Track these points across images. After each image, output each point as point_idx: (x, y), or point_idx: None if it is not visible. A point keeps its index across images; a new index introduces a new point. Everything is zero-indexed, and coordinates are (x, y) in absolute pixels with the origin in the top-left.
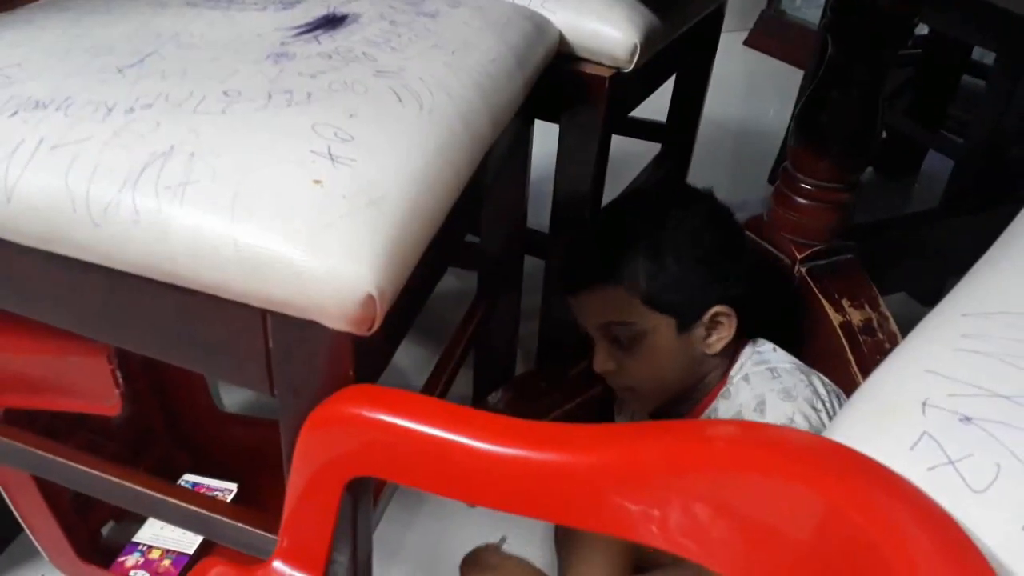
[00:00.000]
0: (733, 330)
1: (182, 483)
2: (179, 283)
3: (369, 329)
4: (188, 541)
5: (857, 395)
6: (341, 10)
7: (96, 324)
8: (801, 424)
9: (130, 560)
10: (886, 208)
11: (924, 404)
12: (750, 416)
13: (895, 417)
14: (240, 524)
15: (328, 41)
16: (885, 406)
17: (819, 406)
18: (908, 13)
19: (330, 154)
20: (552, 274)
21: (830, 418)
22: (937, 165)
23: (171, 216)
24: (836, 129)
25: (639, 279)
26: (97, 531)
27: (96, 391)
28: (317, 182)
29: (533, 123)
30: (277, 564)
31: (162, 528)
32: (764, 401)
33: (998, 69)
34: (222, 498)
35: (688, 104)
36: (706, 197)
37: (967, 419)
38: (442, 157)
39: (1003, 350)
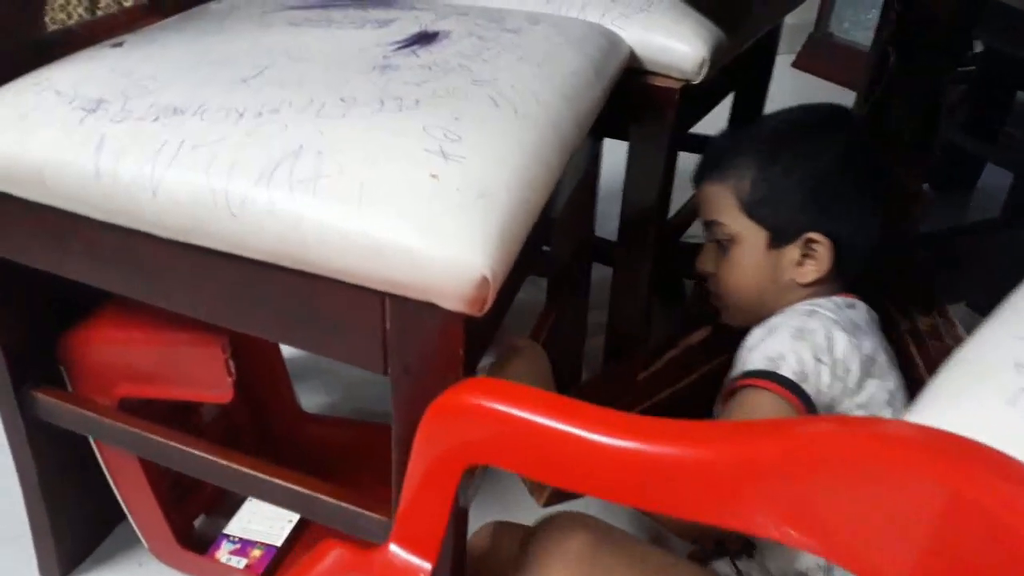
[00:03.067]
0: (827, 265)
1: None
2: (307, 269)
3: (481, 309)
4: (276, 534)
5: (952, 360)
6: (432, 28)
7: (224, 311)
8: (790, 362)
9: (222, 550)
10: (944, 222)
11: (1017, 365)
12: (756, 334)
13: (992, 376)
14: (346, 504)
15: (425, 55)
16: (982, 367)
17: (825, 360)
18: (966, 25)
19: (442, 152)
20: (620, 281)
21: (833, 377)
22: (992, 181)
23: (304, 206)
24: (898, 136)
25: (744, 182)
26: (190, 523)
27: (209, 380)
28: (434, 176)
29: (603, 138)
30: (394, 548)
31: (250, 522)
32: (775, 329)
33: None
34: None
35: (746, 121)
36: (855, 126)
37: None
38: (537, 157)
39: None
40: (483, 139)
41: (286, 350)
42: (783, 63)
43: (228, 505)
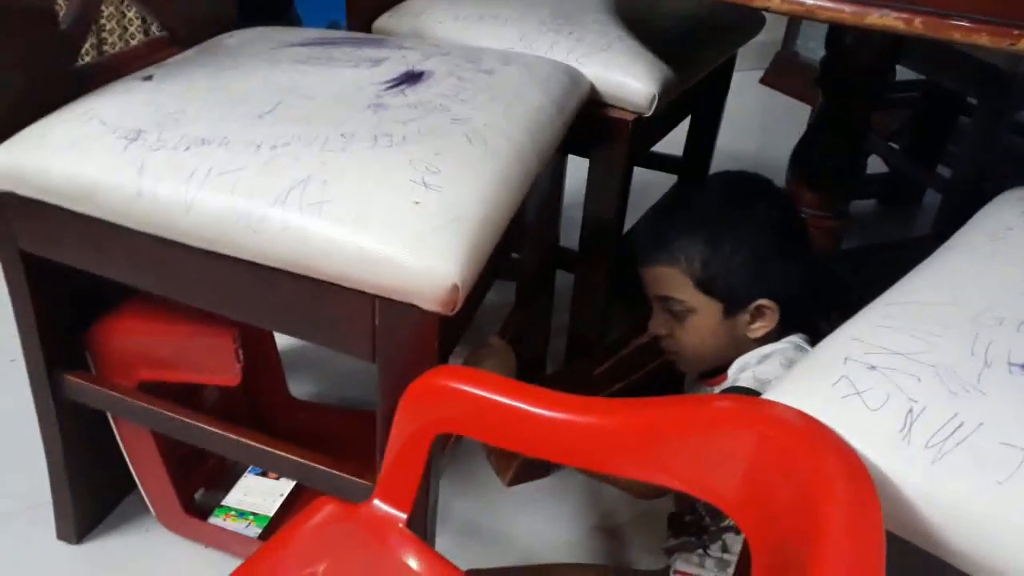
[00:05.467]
0: (775, 322)
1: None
2: (312, 275)
3: (453, 310)
4: (268, 505)
5: (804, 356)
6: (418, 67)
7: (241, 308)
8: (747, 380)
9: (220, 518)
10: (887, 237)
11: (845, 359)
12: (744, 360)
13: (824, 367)
14: (339, 472)
15: (412, 94)
16: (819, 361)
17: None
18: (885, 68)
19: (424, 182)
20: (581, 286)
21: None
22: (938, 197)
23: (312, 225)
24: (824, 165)
25: (695, 263)
26: (192, 495)
27: (221, 365)
28: (416, 203)
29: (567, 157)
30: (377, 502)
31: (245, 495)
32: (745, 364)
33: (979, 112)
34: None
35: (702, 141)
36: (777, 195)
37: (873, 367)
38: (502, 185)
39: (906, 326)
40: (458, 171)
41: (279, 343)
42: (751, 79)
43: (225, 481)
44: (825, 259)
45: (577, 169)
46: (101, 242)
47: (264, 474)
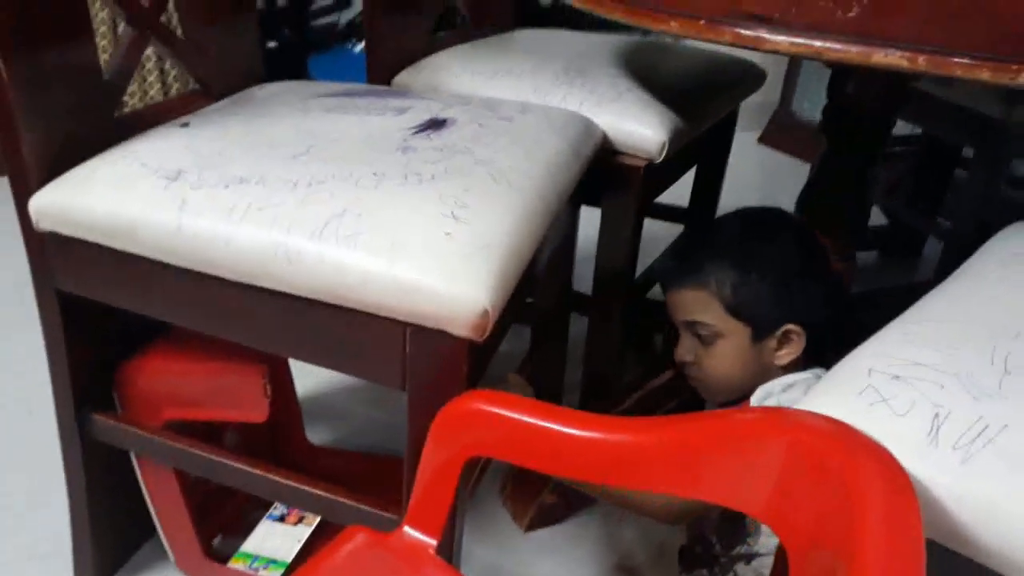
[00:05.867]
0: (801, 348)
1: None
2: (347, 304)
3: (482, 335)
4: (287, 550)
5: (832, 369)
6: (441, 115)
7: (276, 340)
8: (772, 403)
9: (239, 563)
10: (890, 285)
11: (870, 371)
12: (769, 387)
13: (849, 378)
14: (365, 506)
15: (437, 138)
16: (843, 374)
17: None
18: (887, 117)
19: (454, 215)
20: (595, 329)
21: None
22: (938, 248)
23: (347, 256)
24: (831, 206)
25: (725, 287)
26: (210, 540)
27: (250, 401)
28: (448, 234)
29: (580, 206)
30: (407, 529)
31: (264, 541)
32: (768, 392)
33: (976, 162)
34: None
35: (707, 191)
36: (797, 222)
37: (897, 376)
38: (526, 219)
39: (926, 341)
40: (484, 206)
41: (299, 390)
42: (750, 139)
43: (243, 527)
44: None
45: (587, 222)
46: (139, 280)
47: (282, 519)
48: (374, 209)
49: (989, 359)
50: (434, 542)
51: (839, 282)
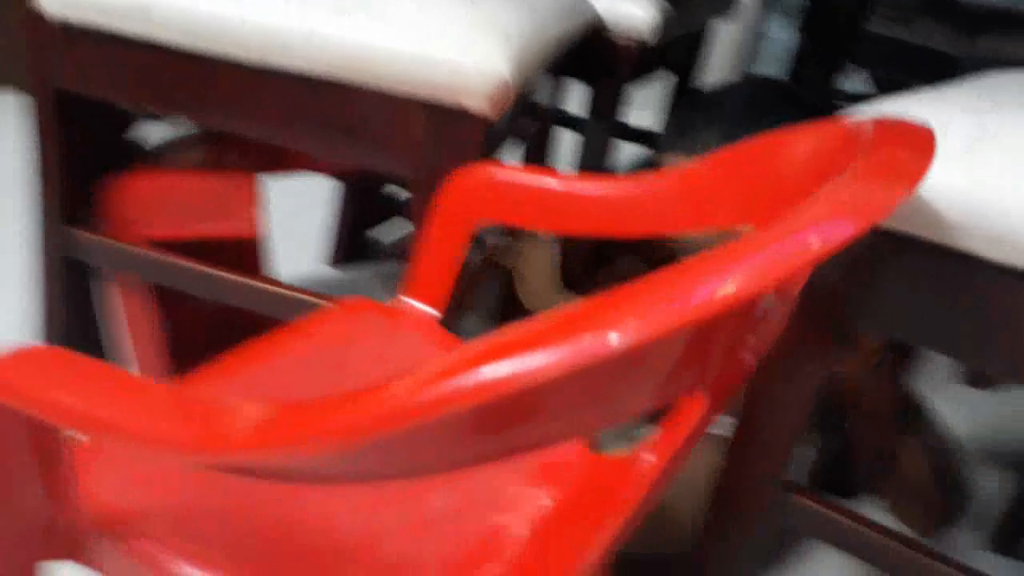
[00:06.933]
0: None
1: None
2: (364, 81)
3: (501, 110)
4: None
5: None
6: None
7: (288, 128)
8: None
9: None
10: None
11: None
12: None
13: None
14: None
15: None
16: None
17: None
18: None
19: (474, 3)
20: None
21: None
22: None
23: (367, 30)
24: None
25: None
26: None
27: (239, 211)
28: (466, 13)
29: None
30: (404, 298)
31: None
32: None
33: None
34: None
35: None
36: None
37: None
38: (542, 24)
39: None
40: (502, 4)
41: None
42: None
43: None
44: None
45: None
46: (147, 70)
47: None
48: None
49: (987, 103)
50: (437, 313)
51: None
